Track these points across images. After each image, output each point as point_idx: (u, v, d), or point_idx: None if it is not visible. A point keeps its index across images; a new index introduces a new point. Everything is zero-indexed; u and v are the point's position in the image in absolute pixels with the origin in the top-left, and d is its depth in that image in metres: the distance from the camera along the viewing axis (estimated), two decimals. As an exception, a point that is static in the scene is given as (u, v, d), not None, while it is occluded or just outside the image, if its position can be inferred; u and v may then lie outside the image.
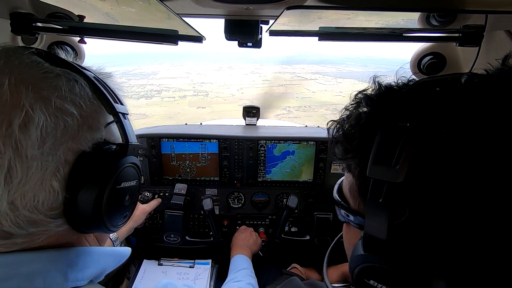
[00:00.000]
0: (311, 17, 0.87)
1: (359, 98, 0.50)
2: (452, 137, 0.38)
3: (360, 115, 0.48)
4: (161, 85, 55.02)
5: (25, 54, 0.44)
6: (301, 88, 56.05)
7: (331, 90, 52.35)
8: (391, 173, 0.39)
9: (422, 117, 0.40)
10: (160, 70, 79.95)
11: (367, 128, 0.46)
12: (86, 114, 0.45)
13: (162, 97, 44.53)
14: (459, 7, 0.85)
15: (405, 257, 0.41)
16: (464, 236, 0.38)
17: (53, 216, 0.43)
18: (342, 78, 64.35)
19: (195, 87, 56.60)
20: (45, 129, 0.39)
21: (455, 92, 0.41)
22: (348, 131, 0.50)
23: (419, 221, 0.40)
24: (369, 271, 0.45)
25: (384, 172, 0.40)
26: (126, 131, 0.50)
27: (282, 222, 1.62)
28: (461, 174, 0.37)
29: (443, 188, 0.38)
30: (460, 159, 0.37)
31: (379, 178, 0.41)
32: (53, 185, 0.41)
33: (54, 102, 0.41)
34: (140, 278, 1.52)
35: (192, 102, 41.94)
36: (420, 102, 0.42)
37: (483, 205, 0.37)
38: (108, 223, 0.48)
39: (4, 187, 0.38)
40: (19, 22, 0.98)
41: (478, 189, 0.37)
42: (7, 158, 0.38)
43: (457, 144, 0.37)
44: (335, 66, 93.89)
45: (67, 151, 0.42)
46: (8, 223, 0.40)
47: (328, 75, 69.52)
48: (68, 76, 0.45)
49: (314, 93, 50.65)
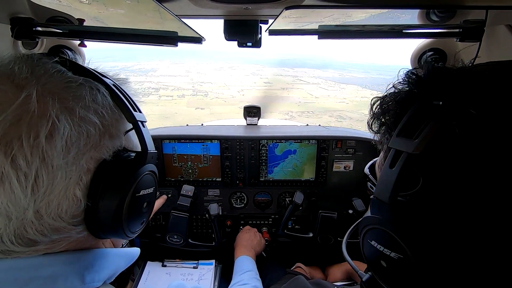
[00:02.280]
0: (310, 16, 0.87)
1: (407, 76, 0.50)
2: (479, 121, 0.38)
3: (400, 92, 0.49)
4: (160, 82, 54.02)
5: (50, 63, 0.44)
6: (303, 93, 55.03)
7: (334, 96, 51.02)
8: (409, 144, 0.40)
9: (457, 98, 0.40)
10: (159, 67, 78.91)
11: (403, 104, 0.47)
12: (107, 123, 0.46)
13: (160, 96, 43.66)
14: (459, 3, 0.85)
15: (409, 226, 0.42)
16: (470, 218, 0.39)
17: (74, 224, 0.44)
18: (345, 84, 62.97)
19: (194, 86, 55.75)
20: (70, 139, 0.40)
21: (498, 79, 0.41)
22: (385, 106, 0.51)
23: (429, 195, 0.41)
24: (372, 233, 0.47)
25: (403, 143, 0.41)
26: (145, 139, 0.50)
27: (286, 218, 1.62)
28: (478, 159, 0.37)
29: (459, 169, 0.39)
30: (481, 144, 0.37)
31: (398, 148, 0.42)
32: (76, 194, 0.42)
33: (79, 112, 0.42)
34: (144, 280, 1.53)
35: (191, 102, 41.09)
36: (464, 85, 0.42)
37: (494, 193, 0.37)
38: (127, 229, 0.48)
39: (31, 196, 0.39)
40: (19, 27, 0.98)
41: (493, 176, 0.37)
42: (35, 168, 0.38)
43: (482, 128, 0.38)
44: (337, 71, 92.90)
45: (90, 159, 0.43)
46: (33, 231, 0.41)
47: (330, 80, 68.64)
48: (90, 85, 0.45)
49: (317, 98, 49.41)
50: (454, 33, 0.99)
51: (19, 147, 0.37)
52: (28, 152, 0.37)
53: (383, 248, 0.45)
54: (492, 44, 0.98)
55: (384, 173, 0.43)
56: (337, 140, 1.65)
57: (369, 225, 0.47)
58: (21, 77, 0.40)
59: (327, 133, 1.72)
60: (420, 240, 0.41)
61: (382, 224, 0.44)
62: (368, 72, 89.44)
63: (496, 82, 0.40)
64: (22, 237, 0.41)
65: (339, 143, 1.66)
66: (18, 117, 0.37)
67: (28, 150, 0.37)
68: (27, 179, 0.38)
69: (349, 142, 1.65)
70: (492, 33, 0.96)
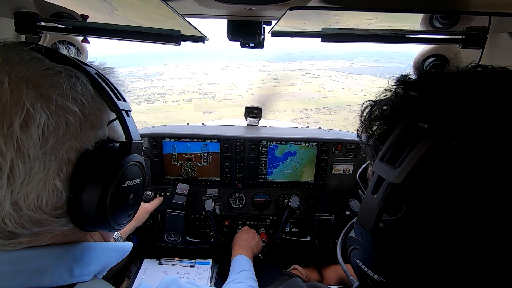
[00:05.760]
0: (313, 18, 0.87)
1: (399, 82, 0.49)
2: (461, 157, 0.37)
3: (388, 102, 0.48)
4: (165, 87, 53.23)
5: (25, 50, 0.42)
6: (315, 87, 52.98)
7: (349, 88, 48.53)
8: (392, 173, 0.40)
9: (443, 122, 0.39)
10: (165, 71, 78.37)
11: (390, 121, 0.46)
12: (88, 112, 0.44)
13: (166, 101, 42.62)
14: (462, 9, 0.85)
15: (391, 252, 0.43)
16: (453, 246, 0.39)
17: (57, 216, 0.43)
18: (358, 75, 60.77)
19: (201, 88, 54.71)
20: (47, 128, 0.39)
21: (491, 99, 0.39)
22: (374, 118, 0.50)
23: (412, 223, 0.41)
24: (357, 252, 0.48)
25: (386, 171, 0.41)
26: (129, 128, 0.49)
27: (283, 222, 1.62)
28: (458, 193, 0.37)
29: (440, 201, 0.38)
30: (462, 179, 0.37)
31: (380, 175, 0.42)
32: (57, 185, 0.41)
33: (56, 100, 0.40)
34: (140, 278, 1.52)
35: (198, 106, 39.85)
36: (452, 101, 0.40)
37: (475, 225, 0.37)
38: (113, 222, 0.47)
39: (7, 187, 0.38)
40: (23, 22, 0.98)
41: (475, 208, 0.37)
42: (9, 159, 0.37)
43: (463, 164, 0.37)
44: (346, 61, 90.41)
45: (70, 150, 0.42)
46: (12, 224, 0.40)
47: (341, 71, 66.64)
48: (69, 73, 0.44)
49: (331, 92, 47.08)
50: (457, 39, 0.99)
51: None
52: (1, 141, 0.36)
53: (367, 269, 0.45)
54: (494, 52, 0.98)
55: (367, 198, 0.43)
56: (337, 143, 1.65)
57: (353, 245, 0.48)
58: None
59: (327, 136, 1.72)
60: (401, 267, 0.41)
61: (365, 248, 0.45)
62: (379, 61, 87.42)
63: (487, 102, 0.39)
64: (1, 229, 0.40)
65: (339, 146, 1.65)
66: None
67: (1, 140, 0.36)
68: (1, 170, 0.37)
69: (349, 145, 1.65)
70: (494, 40, 0.96)
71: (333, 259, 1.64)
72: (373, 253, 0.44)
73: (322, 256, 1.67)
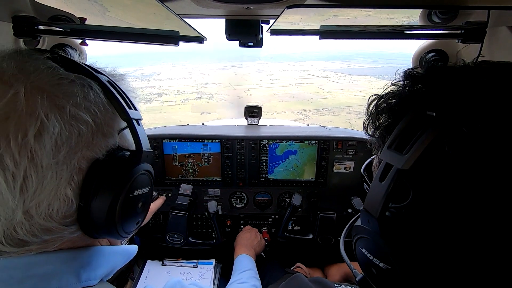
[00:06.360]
0: (311, 16, 0.87)
1: (404, 76, 0.49)
2: (470, 141, 0.37)
3: (395, 95, 0.48)
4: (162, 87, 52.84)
5: (41, 59, 0.43)
6: (313, 88, 52.94)
7: (348, 89, 48.52)
8: (399, 159, 0.40)
9: (452, 110, 0.39)
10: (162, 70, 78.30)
11: (397, 112, 0.47)
12: (100, 121, 0.44)
13: (163, 101, 42.18)
14: (461, 3, 0.84)
15: (397, 240, 0.42)
16: (461, 232, 0.39)
17: (67, 224, 0.43)
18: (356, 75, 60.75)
19: (198, 88, 54.35)
20: (60, 138, 0.39)
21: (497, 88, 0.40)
22: (380, 110, 0.50)
23: (419, 210, 0.41)
24: (363, 241, 0.48)
25: (393, 157, 0.41)
26: (140, 138, 0.49)
27: (286, 220, 1.62)
28: (467, 178, 0.37)
29: (448, 187, 0.38)
30: (471, 164, 0.37)
31: (388, 162, 0.42)
32: (67, 194, 0.41)
33: (69, 110, 0.40)
34: (144, 279, 1.53)
35: (196, 107, 39.50)
36: (461, 93, 0.41)
37: (484, 212, 0.37)
38: (121, 230, 0.48)
39: (20, 197, 0.38)
40: (21, 25, 0.98)
41: (484, 195, 0.37)
42: (23, 168, 0.37)
43: (473, 149, 0.37)
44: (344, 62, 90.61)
45: (82, 159, 0.42)
46: (23, 232, 0.40)
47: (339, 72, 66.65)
48: (82, 82, 0.44)
49: (329, 93, 47.00)
50: (456, 34, 0.99)
51: (6, 146, 0.36)
52: (16, 151, 0.36)
53: (373, 257, 0.46)
54: (493, 45, 0.98)
55: (374, 185, 0.43)
56: (337, 141, 1.65)
57: (359, 234, 0.48)
58: (9, 73, 0.39)
59: (327, 133, 1.72)
60: (407, 254, 0.41)
61: (371, 235, 0.45)
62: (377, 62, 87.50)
63: (494, 93, 0.39)
64: (12, 237, 0.40)
65: (339, 144, 1.65)
66: (5, 116, 0.36)
67: (16, 150, 0.36)
68: (15, 179, 0.37)
69: (349, 142, 1.65)
70: (493, 34, 0.96)
71: (335, 257, 1.64)
72: (379, 241, 0.44)
73: (325, 254, 1.67)
